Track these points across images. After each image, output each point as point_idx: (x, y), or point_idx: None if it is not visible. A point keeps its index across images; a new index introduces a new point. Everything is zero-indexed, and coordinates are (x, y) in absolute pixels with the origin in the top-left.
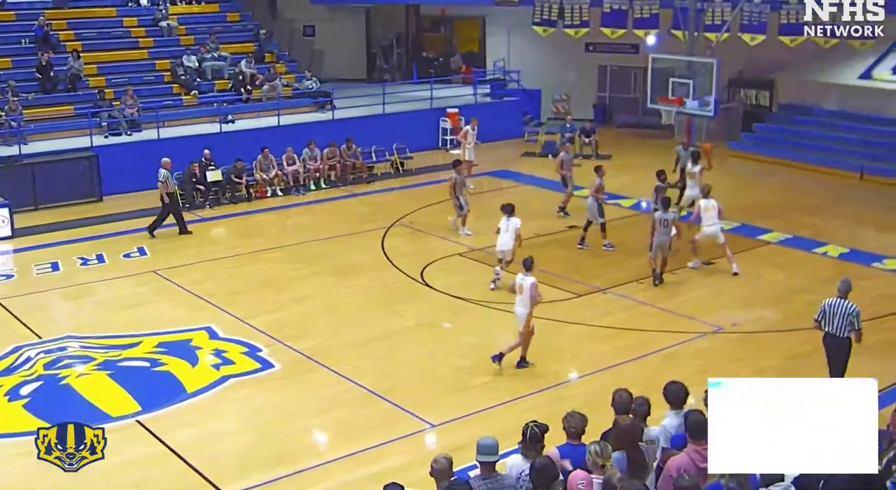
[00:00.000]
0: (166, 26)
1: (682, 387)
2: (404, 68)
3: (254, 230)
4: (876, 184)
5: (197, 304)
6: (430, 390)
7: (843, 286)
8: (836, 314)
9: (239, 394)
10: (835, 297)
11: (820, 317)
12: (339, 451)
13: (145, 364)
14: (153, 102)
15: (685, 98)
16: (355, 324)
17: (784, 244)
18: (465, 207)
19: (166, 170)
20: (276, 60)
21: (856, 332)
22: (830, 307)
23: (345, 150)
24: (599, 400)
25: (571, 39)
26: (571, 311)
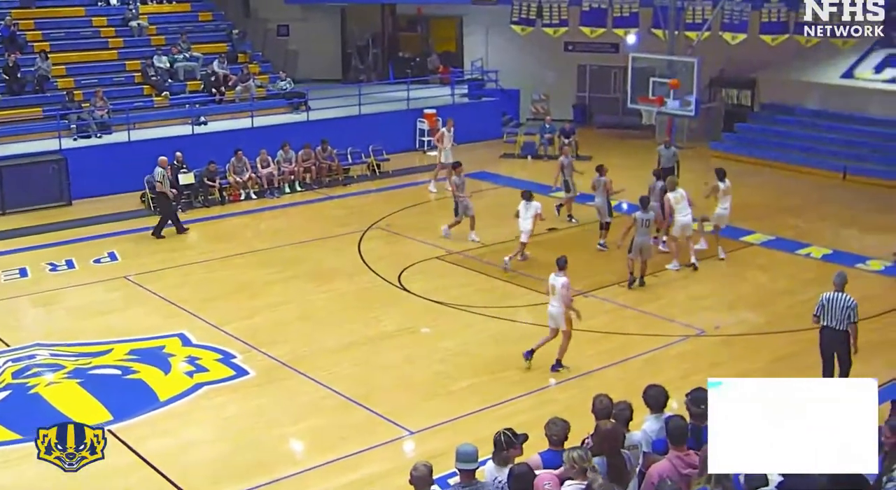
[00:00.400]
0: (136, 26)
1: (662, 390)
2: (380, 68)
3: (227, 234)
4: (859, 184)
5: (169, 310)
6: (408, 396)
7: (839, 280)
8: (836, 307)
9: (213, 402)
10: (832, 292)
11: (819, 311)
12: (316, 459)
13: (117, 372)
14: (123, 104)
15: (666, 98)
16: (331, 329)
17: (767, 246)
18: (471, 211)
19: (162, 168)
20: (250, 61)
21: (852, 325)
22: (829, 301)
23: (320, 152)
24: (581, 405)
25: (550, 39)
26: None
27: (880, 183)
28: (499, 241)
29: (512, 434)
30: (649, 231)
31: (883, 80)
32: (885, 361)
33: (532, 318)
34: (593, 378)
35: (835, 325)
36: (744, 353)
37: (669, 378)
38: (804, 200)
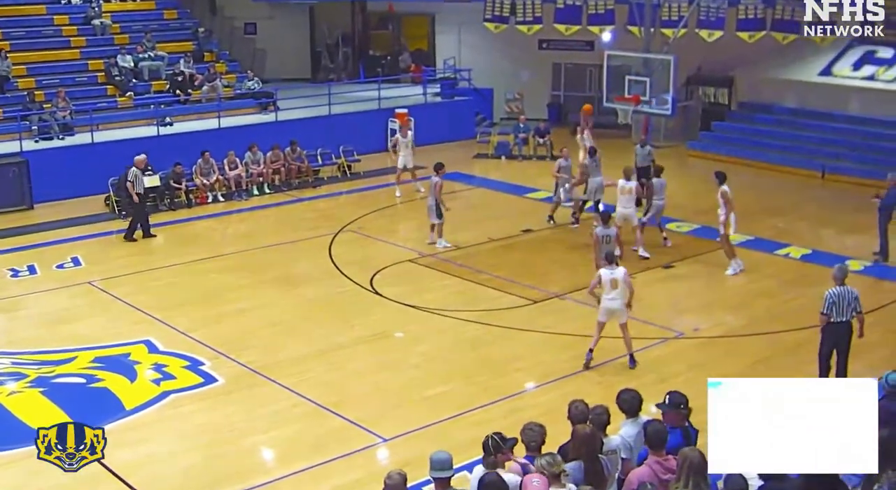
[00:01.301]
0: (99, 24)
1: (636, 394)
2: (350, 67)
3: (194, 238)
4: (838, 183)
5: (135, 316)
6: (381, 403)
7: (840, 273)
8: (844, 301)
9: (181, 410)
10: (836, 287)
11: (829, 309)
12: (288, 468)
13: (81, 380)
14: (86, 105)
15: (642, 96)
16: (302, 335)
17: (745, 246)
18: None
19: (137, 169)
20: (216, 60)
21: (858, 314)
22: (838, 297)
23: (289, 153)
24: (558, 410)
25: (524, 36)
26: (528, 319)
27: (859, 182)
28: (472, 244)
29: (500, 438)
30: (613, 247)
31: (861, 78)
32: (867, 363)
33: (507, 321)
34: (571, 382)
35: (843, 319)
36: (723, 355)
37: (648, 381)
38: (783, 200)
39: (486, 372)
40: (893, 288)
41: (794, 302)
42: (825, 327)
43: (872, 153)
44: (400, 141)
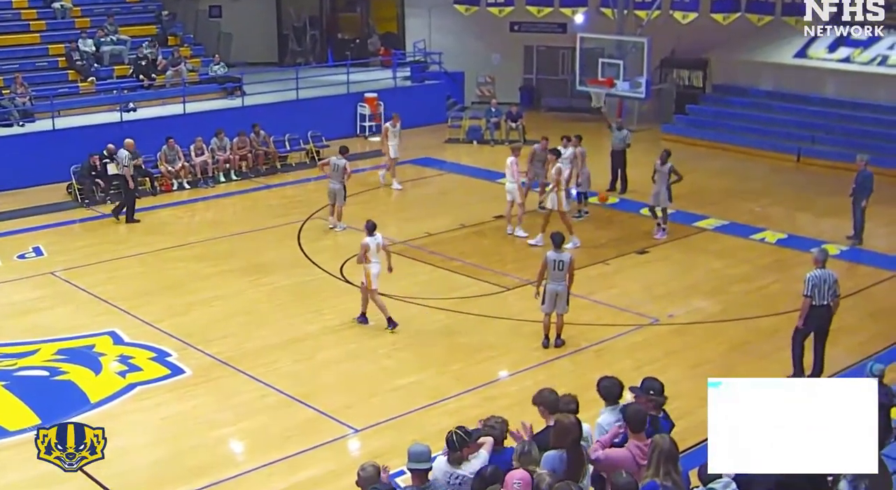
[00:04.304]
0: (60, 7)
1: (616, 381)
2: (318, 51)
3: (159, 226)
4: (813, 166)
5: (99, 307)
6: (352, 393)
7: (821, 255)
8: (825, 284)
9: (148, 402)
10: (817, 269)
11: (811, 292)
12: (258, 460)
13: (44, 373)
14: (47, 90)
15: (616, 79)
16: (271, 324)
17: (720, 231)
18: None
19: (127, 151)
20: (181, 44)
21: (836, 298)
22: (819, 279)
23: (254, 139)
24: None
25: (495, 19)
26: (499, 306)
27: (835, 165)
28: (443, 231)
29: (464, 432)
30: (563, 276)
31: (837, 60)
32: (844, 348)
33: (479, 309)
34: (544, 370)
35: (824, 302)
36: (698, 341)
37: (622, 369)
38: (758, 184)
39: (458, 360)
40: (869, 272)
41: (771, 287)
42: (811, 309)
43: (848, 136)
44: (390, 131)
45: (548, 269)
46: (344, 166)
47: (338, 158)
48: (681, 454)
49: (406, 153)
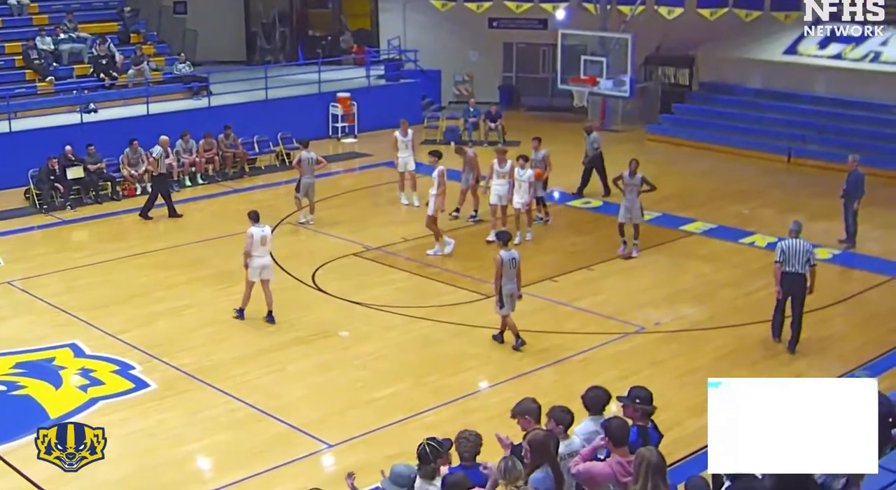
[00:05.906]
0: (16, 4)
1: (604, 392)
2: (288, 49)
3: (122, 233)
4: (804, 167)
5: (59, 318)
6: (325, 407)
7: (795, 227)
8: (796, 252)
9: (111, 418)
10: (789, 238)
11: (781, 258)
12: (227, 477)
13: (1, 388)
14: (3, 91)
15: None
16: (240, 335)
17: (709, 234)
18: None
19: (162, 148)
20: (144, 41)
21: (811, 267)
22: (789, 247)
23: (223, 140)
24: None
25: (473, 15)
26: (479, 314)
27: (826, 165)
28: (420, 236)
29: (436, 443)
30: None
31: (828, 57)
32: (836, 355)
33: (457, 317)
34: (526, 381)
35: (796, 269)
36: (686, 350)
37: (608, 379)
38: (747, 185)
39: (436, 371)
40: (862, 276)
41: (760, 292)
42: (781, 277)
43: (839, 136)
44: (400, 140)
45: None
46: (316, 159)
47: (307, 153)
48: (668, 467)
49: (381, 155)
